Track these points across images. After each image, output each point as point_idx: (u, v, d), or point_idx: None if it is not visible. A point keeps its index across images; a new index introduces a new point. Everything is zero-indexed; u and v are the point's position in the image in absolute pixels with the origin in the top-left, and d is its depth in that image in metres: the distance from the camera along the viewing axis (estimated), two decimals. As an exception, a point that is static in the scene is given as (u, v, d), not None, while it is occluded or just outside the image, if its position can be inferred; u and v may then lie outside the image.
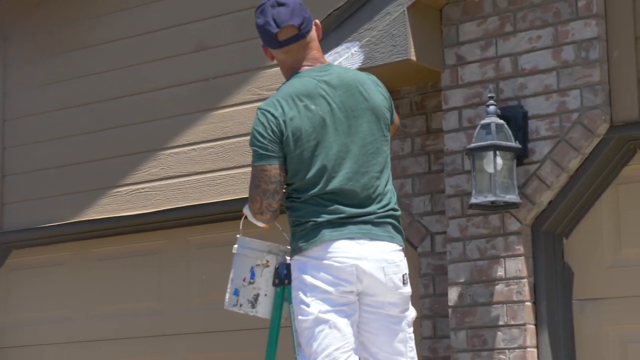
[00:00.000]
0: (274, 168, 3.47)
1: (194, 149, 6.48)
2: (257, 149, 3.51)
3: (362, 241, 3.47)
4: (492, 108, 4.87)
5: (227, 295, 3.96)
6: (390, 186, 3.60)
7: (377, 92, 3.61)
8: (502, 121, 4.83)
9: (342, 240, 3.45)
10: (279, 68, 5.92)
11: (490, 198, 4.75)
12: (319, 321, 3.46)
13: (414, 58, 5.01)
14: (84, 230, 6.85)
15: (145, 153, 6.64)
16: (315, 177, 3.47)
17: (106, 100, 6.83)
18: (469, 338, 4.94)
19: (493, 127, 4.79)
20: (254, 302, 3.91)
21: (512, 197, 4.78)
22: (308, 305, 3.48)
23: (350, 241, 3.46)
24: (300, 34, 3.55)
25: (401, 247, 3.57)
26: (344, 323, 3.48)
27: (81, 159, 6.89)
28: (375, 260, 3.48)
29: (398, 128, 3.93)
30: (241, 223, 4.01)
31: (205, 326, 6.42)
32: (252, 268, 3.93)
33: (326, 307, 3.46)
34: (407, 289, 3.57)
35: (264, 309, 3.88)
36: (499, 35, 5.06)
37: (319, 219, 3.46)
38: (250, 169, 3.62)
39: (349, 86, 3.55)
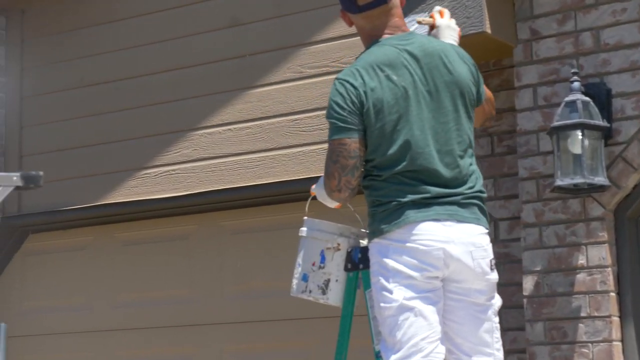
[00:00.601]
0: (353, 142, 3.27)
1: (229, 129, 6.14)
2: (336, 122, 3.29)
3: (448, 223, 3.26)
4: (576, 84, 4.57)
5: (295, 281, 3.76)
6: (475, 166, 3.39)
7: (462, 64, 3.39)
8: (587, 98, 4.53)
9: (428, 221, 3.25)
10: (323, 45, 5.90)
11: (578, 180, 4.44)
12: (404, 308, 3.25)
13: (489, 31, 4.70)
14: (108, 214, 6.48)
15: (176, 133, 6.29)
16: (398, 153, 3.26)
17: (133, 77, 6.46)
18: (547, 330, 4.64)
19: (579, 105, 4.49)
20: (324, 288, 3.70)
21: (601, 180, 4.48)
22: (391, 292, 3.26)
23: (437, 223, 3.25)
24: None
25: (487, 230, 3.35)
26: (429, 310, 3.27)
27: (106, 139, 6.52)
28: (463, 243, 3.27)
29: (494, 104, 3.63)
30: (307, 204, 3.79)
31: (241, 316, 6.09)
32: (322, 252, 3.77)
33: (411, 294, 3.25)
34: (495, 275, 3.37)
35: (335, 296, 3.67)
36: (578, 9, 4.76)
37: (403, 199, 3.25)
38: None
39: (432, 57, 3.34)
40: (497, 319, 3.40)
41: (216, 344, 6.16)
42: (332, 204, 3.54)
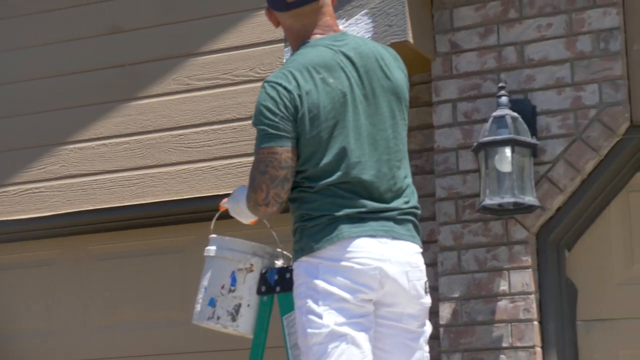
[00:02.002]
0: (285, 151, 2.96)
1: (103, 144, 5.64)
2: (266, 128, 2.97)
3: (384, 240, 2.99)
4: (504, 99, 4.34)
5: (199, 307, 3.41)
6: (410, 179, 3.14)
7: (397, 69, 3.14)
8: (516, 114, 4.30)
9: (364, 237, 2.96)
10: (213, 56, 5.50)
11: (508, 199, 4.19)
12: (334, 335, 2.94)
13: (411, 40, 4.42)
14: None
15: (41, 147, 5.75)
16: (333, 163, 2.97)
17: (-6, 84, 5.91)
18: (465, 361, 4.35)
19: (509, 120, 4.25)
20: (234, 314, 3.38)
21: (531, 200, 4.24)
22: (320, 316, 2.94)
23: (372, 239, 2.97)
24: None
25: (422, 250, 3.09)
26: (362, 337, 2.97)
27: (-42, 152, 5.92)
28: (399, 263, 3.00)
29: None
30: (213, 221, 3.51)
31: (109, 351, 5.57)
32: (233, 273, 3.44)
33: (342, 319, 2.94)
34: (428, 300, 3.10)
35: (245, 323, 3.37)
36: (501, 22, 4.55)
37: (337, 213, 2.96)
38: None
39: (368, 59, 3.07)
40: (427, 348, 3.12)
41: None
42: (248, 220, 3.25)
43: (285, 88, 2.97)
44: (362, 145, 3.00)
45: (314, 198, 2.99)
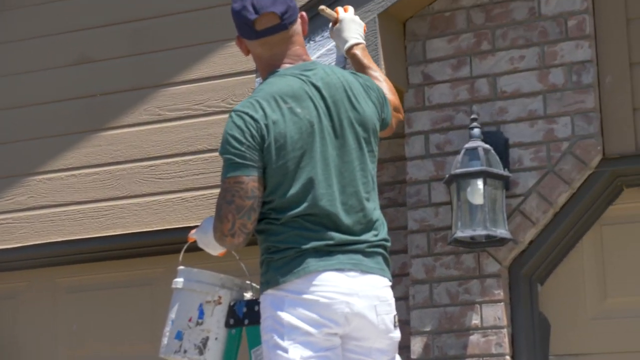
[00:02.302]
0: (251, 180, 2.92)
1: (73, 175, 5.57)
2: (232, 157, 2.94)
3: (352, 273, 2.94)
4: (476, 131, 4.31)
5: (165, 340, 3.33)
6: (379, 211, 3.09)
7: (367, 99, 3.09)
8: (488, 146, 4.27)
9: (330, 271, 2.92)
10: (185, 86, 5.45)
11: (480, 232, 4.14)
12: None
13: (384, 72, 4.38)
14: None
15: (9, 178, 5.67)
16: (300, 194, 2.93)
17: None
18: (437, 396, 4.29)
19: (481, 152, 4.21)
20: (202, 348, 3.31)
21: (503, 232, 4.20)
22: (286, 350, 2.91)
23: (340, 273, 2.92)
24: (282, 24, 3.06)
25: (391, 283, 3.05)
26: None
27: None
28: (367, 297, 2.95)
29: (401, 108, 3.39)
30: (182, 252, 3.45)
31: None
32: (200, 305, 3.34)
33: (308, 353, 2.90)
34: (398, 333, 3.05)
35: (213, 356, 3.30)
36: (473, 54, 4.53)
37: (304, 246, 2.92)
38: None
39: (336, 89, 3.03)
40: (396, 384, 3.07)
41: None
42: (216, 251, 3.19)
43: (252, 117, 2.94)
44: (330, 177, 2.96)
45: (281, 230, 2.94)
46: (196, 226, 3.26)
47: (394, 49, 4.54)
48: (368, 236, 2.99)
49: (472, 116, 4.35)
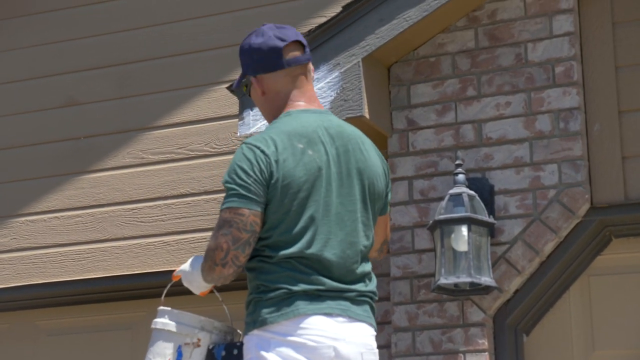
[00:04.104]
0: (253, 214, 2.89)
1: (55, 217, 5.50)
2: (237, 188, 2.90)
3: (340, 319, 2.91)
4: (461, 177, 4.23)
5: None
6: (370, 266, 3.06)
7: (376, 157, 3.09)
8: (473, 192, 4.19)
9: (319, 315, 2.89)
10: (168, 130, 5.39)
11: (464, 279, 4.06)
12: None
13: (367, 116, 4.33)
14: None
15: (-10, 220, 5.61)
16: (297, 235, 2.90)
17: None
18: None
19: (465, 198, 4.14)
20: None
21: (487, 280, 4.11)
22: None
23: (328, 318, 2.89)
24: (307, 55, 3.07)
25: (376, 333, 3.03)
26: None
27: None
28: (355, 343, 2.92)
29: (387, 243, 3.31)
30: (164, 292, 3.39)
31: None
32: (179, 347, 3.26)
33: None
34: None
35: None
36: (459, 100, 4.47)
37: (294, 288, 2.88)
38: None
39: (349, 139, 3.02)
40: None
41: None
42: (199, 289, 3.12)
43: (263, 152, 2.91)
44: (329, 223, 2.92)
45: (273, 269, 2.90)
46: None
47: (378, 94, 4.49)
48: (358, 286, 2.97)
49: (457, 162, 4.28)
